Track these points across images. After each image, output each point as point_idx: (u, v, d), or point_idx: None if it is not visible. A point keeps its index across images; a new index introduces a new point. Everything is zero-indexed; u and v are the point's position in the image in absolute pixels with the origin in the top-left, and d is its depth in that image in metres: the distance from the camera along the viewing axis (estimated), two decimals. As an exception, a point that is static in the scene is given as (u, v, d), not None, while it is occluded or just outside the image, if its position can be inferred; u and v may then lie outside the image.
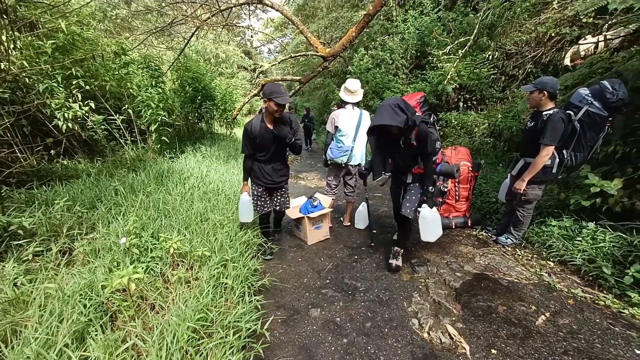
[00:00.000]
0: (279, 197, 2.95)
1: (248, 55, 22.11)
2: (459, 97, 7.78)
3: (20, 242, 2.20)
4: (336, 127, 3.23)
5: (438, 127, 6.95)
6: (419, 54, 9.49)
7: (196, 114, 8.14)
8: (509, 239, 3.16)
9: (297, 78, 6.00)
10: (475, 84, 6.99)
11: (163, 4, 6.44)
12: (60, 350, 1.36)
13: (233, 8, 5.25)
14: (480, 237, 3.42)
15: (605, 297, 2.30)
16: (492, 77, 6.55)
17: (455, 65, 6.57)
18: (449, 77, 5.35)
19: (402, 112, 2.15)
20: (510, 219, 3.16)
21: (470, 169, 3.57)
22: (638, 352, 1.82)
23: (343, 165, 3.38)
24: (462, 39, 5.26)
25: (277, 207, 2.98)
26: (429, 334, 2.02)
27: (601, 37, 4.49)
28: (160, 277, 2.12)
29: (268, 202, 2.91)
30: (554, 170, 2.78)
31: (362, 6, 11.33)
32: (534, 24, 4.56)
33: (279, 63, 7.27)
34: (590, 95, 2.56)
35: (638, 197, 2.70)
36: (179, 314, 1.68)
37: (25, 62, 3.72)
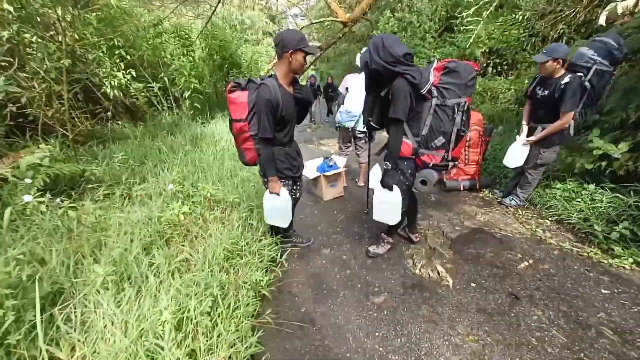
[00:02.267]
0: (299, 186, 2.40)
1: (273, 20, 21.74)
2: (489, 61, 7.51)
3: (92, 185, 2.76)
4: (346, 89, 3.45)
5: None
6: (448, 15, 9.04)
7: (224, 82, 8.52)
8: (512, 201, 3.35)
9: (318, 44, 6.08)
10: (505, 46, 6.71)
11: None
12: (135, 256, 1.88)
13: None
14: (487, 198, 3.63)
15: (591, 250, 2.52)
16: (522, 39, 6.27)
17: (484, 27, 6.32)
18: (472, 40, 5.20)
19: (373, 53, 1.85)
20: (517, 182, 3.33)
21: (481, 133, 3.71)
22: (604, 291, 2.08)
23: (350, 130, 3.62)
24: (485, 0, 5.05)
25: (298, 195, 2.44)
26: (420, 270, 2.38)
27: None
28: (200, 217, 2.61)
29: (293, 196, 2.33)
30: (571, 132, 2.87)
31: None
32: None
33: (301, 29, 7.30)
34: (596, 54, 2.59)
35: (641, 160, 2.78)
36: (216, 240, 2.16)
37: (76, 35, 4.20)
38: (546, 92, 2.78)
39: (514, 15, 6.03)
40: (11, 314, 1.24)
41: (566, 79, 2.60)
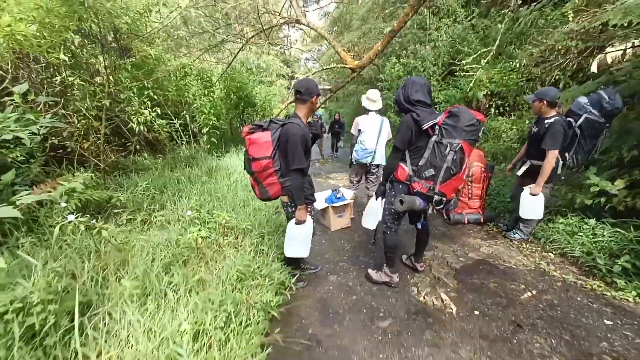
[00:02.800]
0: (312, 214, 2.54)
1: (287, 64, 23.40)
2: (491, 103, 7.91)
3: (117, 211, 2.99)
4: (359, 131, 3.75)
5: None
6: (451, 61, 9.68)
7: (239, 119, 9.08)
8: (517, 234, 3.43)
9: (328, 87, 6.59)
10: (504, 90, 7.12)
11: (216, 26, 7.45)
12: (156, 275, 2.03)
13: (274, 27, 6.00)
14: (491, 232, 3.71)
15: (594, 283, 2.55)
16: (521, 84, 6.66)
17: (484, 72, 6.77)
18: (472, 84, 5.59)
19: (400, 90, 2.24)
20: (518, 216, 3.43)
21: (483, 169, 3.89)
22: (607, 322, 2.11)
23: (367, 165, 3.88)
24: (485, 50, 5.51)
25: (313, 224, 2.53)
26: (424, 298, 2.44)
27: (629, 45, 4.55)
28: (215, 242, 2.78)
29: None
30: (558, 172, 3.04)
31: (395, 16, 11.72)
32: (545, 37, 4.74)
33: (313, 74, 7.94)
34: (589, 103, 2.83)
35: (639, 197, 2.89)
36: (230, 263, 2.30)
37: (112, 78, 4.71)
38: (536, 129, 3.00)
39: (511, 63, 6.48)
40: (52, 317, 1.39)
41: (552, 120, 2.82)
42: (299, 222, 2.27)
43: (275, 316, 2.14)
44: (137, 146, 5.75)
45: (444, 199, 2.14)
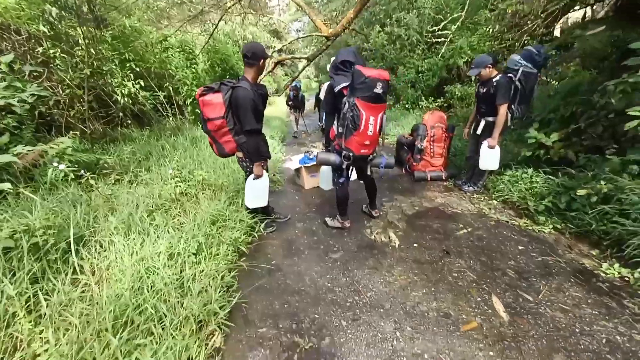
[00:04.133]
0: (266, 167, 2.77)
1: (276, 35, 22.89)
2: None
3: (105, 171, 3.31)
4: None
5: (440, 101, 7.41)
6: (435, 28, 9.70)
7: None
8: (470, 187, 3.82)
9: (305, 56, 6.71)
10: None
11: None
12: (140, 218, 2.40)
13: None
14: (450, 187, 4.10)
15: (523, 221, 2.97)
16: (495, 50, 6.83)
17: (465, 39, 6.93)
18: (443, 51, 5.78)
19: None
20: (473, 172, 3.81)
21: (443, 129, 4.21)
22: (520, 247, 2.54)
23: None
24: (456, 15, 5.65)
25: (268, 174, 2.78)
26: (374, 237, 2.85)
27: (589, 9, 4.73)
28: (194, 196, 3.13)
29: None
30: (509, 123, 3.37)
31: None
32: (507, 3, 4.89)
33: (289, 44, 8.00)
34: (522, 59, 3.12)
35: (571, 148, 3.26)
36: (205, 209, 2.67)
37: (92, 50, 4.85)
38: (484, 90, 3.30)
39: (486, 29, 6.61)
40: (52, 239, 1.75)
41: (497, 78, 3.13)
42: (257, 177, 2.52)
43: (243, 251, 2.54)
44: (123, 118, 5.97)
45: (351, 154, 2.43)
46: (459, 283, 2.15)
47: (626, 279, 2.09)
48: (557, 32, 5.13)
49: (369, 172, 2.84)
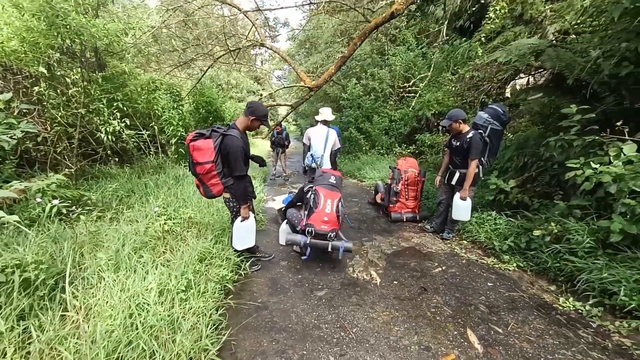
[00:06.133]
0: (252, 207, 2.96)
1: (258, 81, 24.12)
2: (438, 121, 8.97)
3: (88, 208, 3.28)
4: (309, 139, 4.32)
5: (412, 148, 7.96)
6: (405, 83, 10.82)
7: (208, 132, 9.40)
8: (450, 234, 4.05)
9: (289, 104, 7.22)
10: (446, 111, 8.18)
11: (186, 45, 7.91)
12: (127, 254, 2.40)
13: (241, 47, 6.58)
14: (425, 228, 4.38)
15: (490, 260, 3.24)
16: (458, 105, 7.72)
17: (432, 94, 7.81)
18: (422, 104, 6.48)
19: None
20: (445, 216, 4.09)
21: (417, 174, 4.61)
22: (489, 284, 2.77)
23: (316, 169, 4.42)
24: (422, 75, 6.45)
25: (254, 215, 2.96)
26: (357, 275, 2.99)
27: (531, 77, 5.64)
28: (179, 235, 3.16)
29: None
30: (481, 175, 3.73)
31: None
32: (460, 67, 5.73)
33: (275, 92, 8.59)
34: (490, 117, 3.57)
35: (526, 193, 3.70)
36: (192, 246, 2.72)
37: (87, 90, 4.98)
38: (458, 143, 3.66)
39: (450, 87, 7.53)
40: (42, 274, 1.75)
41: (470, 134, 3.49)
42: (244, 219, 2.66)
43: (230, 289, 2.57)
44: (104, 156, 5.94)
45: (313, 229, 2.95)
46: (437, 318, 2.30)
47: (579, 311, 2.35)
48: (507, 93, 5.98)
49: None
